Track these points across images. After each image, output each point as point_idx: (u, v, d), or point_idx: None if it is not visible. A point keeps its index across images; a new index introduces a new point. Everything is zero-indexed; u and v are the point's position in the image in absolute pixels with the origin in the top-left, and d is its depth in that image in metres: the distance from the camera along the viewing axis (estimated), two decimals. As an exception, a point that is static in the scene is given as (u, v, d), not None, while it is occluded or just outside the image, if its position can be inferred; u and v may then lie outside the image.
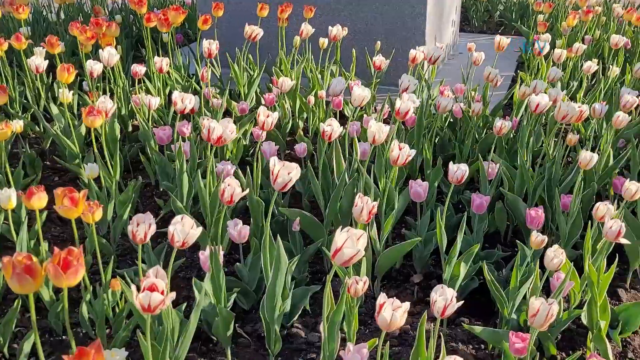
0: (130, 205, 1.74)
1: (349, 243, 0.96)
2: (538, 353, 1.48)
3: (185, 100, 1.60)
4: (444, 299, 1.08)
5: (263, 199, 1.74)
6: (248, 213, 1.77)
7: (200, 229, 1.11)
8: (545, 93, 1.85)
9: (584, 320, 1.47)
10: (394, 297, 1.05)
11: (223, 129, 1.38)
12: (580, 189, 1.66)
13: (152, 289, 0.93)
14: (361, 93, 1.69)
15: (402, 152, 1.47)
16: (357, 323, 1.34)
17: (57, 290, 1.58)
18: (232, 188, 1.27)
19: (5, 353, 1.45)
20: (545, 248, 1.40)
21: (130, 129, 2.49)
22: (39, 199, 1.34)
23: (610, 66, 2.67)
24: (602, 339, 1.42)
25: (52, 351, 1.48)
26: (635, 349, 1.54)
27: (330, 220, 1.72)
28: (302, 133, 2.30)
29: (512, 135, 2.23)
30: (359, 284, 1.23)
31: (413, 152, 1.51)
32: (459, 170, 1.52)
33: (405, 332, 1.57)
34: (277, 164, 1.21)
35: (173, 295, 0.97)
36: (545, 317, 1.06)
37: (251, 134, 2.34)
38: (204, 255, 1.40)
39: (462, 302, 1.66)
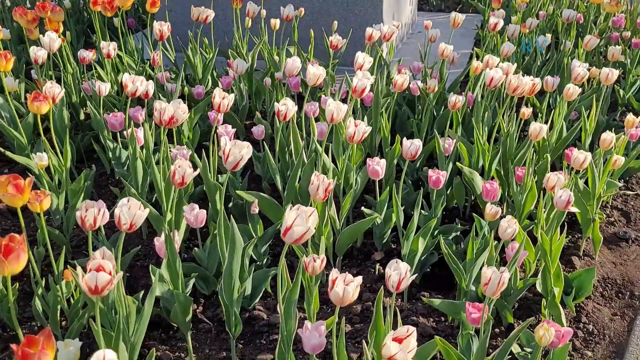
0: (82, 194, 1.69)
1: (299, 221, 0.96)
2: (494, 322, 1.52)
3: (136, 82, 1.56)
4: (398, 273, 1.08)
5: (221, 183, 1.72)
6: (207, 198, 1.75)
7: (147, 210, 1.08)
8: (498, 67, 1.87)
9: (539, 288, 1.51)
10: (355, 275, 1.06)
11: (175, 109, 1.35)
12: (532, 161, 1.69)
13: (98, 269, 0.91)
14: (316, 71, 1.67)
15: (357, 129, 1.46)
16: (318, 302, 1.34)
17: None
18: (183, 169, 1.24)
19: (-45, 351, 1.40)
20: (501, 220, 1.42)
21: (82, 117, 2.41)
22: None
23: (564, 40, 2.71)
24: (556, 305, 1.46)
25: (5, 346, 1.44)
26: (588, 313, 1.59)
27: (289, 201, 1.70)
28: (259, 116, 2.27)
29: (469, 111, 2.25)
30: (316, 262, 1.22)
31: (369, 129, 1.50)
32: (412, 146, 1.53)
33: (367, 309, 1.58)
34: (228, 143, 1.19)
35: (120, 274, 0.95)
36: (497, 284, 1.08)
37: (208, 118, 2.30)
38: (159, 241, 1.38)
39: (423, 276, 1.70)
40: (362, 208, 1.76)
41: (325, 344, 1.09)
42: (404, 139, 1.57)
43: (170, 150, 1.69)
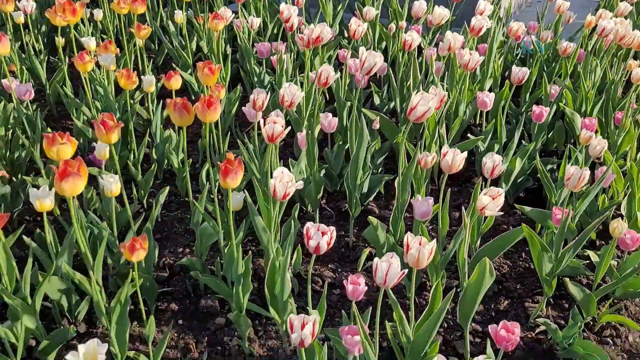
0: (237, 102, 2.09)
1: (422, 102, 1.24)
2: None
3: (290, 9, 1.90)
4: (492, 161, 1.34)
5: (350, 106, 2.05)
6: (334, 116, 2.08)
7: (303, 92, 1.42)
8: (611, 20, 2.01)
9: (623, 212, 1.69)
10: (455, 192, 1.34)
11: (321, 30, 1.67)
12: (629, 106, 1.84)
13: (274, 122, 1.25)
14: (441, 12, 1.92)
15: (472, 57, 1.71)
16: (425, 191, 1.63)
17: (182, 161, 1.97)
18: (327, 72, 1.56)
19: (144, 204, 1.84)
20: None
21: (229, 51, 2.83)
22: (176, 81, 1.70)
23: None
24: (638, 228, 1.64)
25: (178, 207, 1.87)
26: (670, 244, 1.74)
27: (405, 123, 1.99)
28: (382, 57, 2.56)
29: (578, 70, 2.39)
30: (429, 157, 1.51)
31: (482, 58, 1.74)
32: (520, 72, 1.75)
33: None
34: (365, 52, 1.50)
35: (289, 129, 1.29)
36: (578, 179, 1.30)
37: (336, 58, 2.63)
38: (301, 135, 1.72)
39: (516, 199, 1.92)
40: (469, 135, 2.00)
41: (431, 212, 1.38)
42: (514, 65, 1.79)
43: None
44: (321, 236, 1.03)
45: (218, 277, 1.48)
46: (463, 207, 1.43)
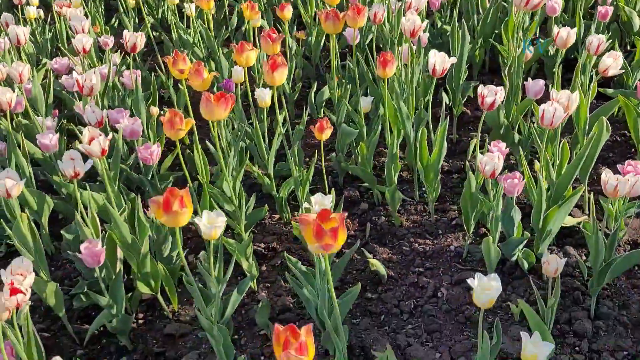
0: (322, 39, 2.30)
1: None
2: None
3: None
4: (598, 39, 1.57)
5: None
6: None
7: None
8: None
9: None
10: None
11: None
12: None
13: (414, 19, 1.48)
14: None
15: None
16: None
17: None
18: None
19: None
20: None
21: None
22: (288, 11, 1.91)
23: None
24: None
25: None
26: None
27: (481, 36, 2.21)
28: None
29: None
30: (529, 55, 1.74)
31: (553, -36, 1.96)
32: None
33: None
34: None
35: (425, 22, 1.51)
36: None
37: None
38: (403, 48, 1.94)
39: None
40: (541, 39, 2.23)
41: (542, 92, 1.61)
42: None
43: None
44: (494, 94, 1.26)
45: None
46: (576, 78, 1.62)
